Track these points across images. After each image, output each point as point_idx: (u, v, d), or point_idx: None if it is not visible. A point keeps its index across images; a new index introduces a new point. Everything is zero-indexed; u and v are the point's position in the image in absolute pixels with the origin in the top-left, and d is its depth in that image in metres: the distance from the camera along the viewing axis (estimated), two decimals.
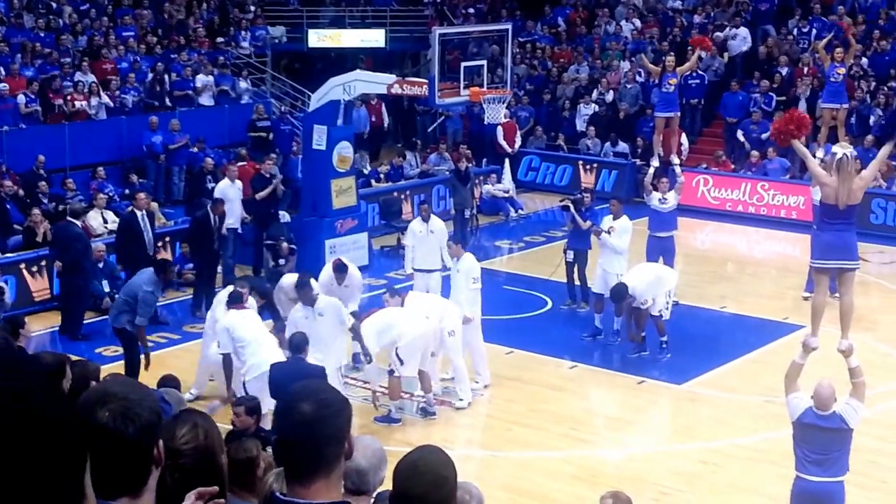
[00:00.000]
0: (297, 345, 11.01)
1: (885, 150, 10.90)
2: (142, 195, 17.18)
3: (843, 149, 9.72)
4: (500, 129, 24.97)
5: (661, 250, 16.60)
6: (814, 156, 12.90)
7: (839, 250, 10.62)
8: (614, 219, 16.14)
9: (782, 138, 10.29)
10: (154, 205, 19.69)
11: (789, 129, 10.00)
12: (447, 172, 23.40)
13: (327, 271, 14.41)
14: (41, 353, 7.35)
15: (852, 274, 10.50)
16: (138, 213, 16.51)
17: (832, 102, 18.43)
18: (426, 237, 16.02)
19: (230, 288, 13.11)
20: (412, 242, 16.17)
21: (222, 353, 12.21)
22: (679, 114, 17.97)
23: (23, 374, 2.01)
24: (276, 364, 11.12)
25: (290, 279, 14.02)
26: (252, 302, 12.83)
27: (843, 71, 18.04)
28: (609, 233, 15.85)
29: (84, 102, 22.47)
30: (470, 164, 21.95)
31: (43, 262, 16.91)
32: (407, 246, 16.41)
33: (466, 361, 13.85)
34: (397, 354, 12.79)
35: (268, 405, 9.43)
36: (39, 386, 2.00)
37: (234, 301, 12.46)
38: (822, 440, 9.08)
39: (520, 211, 24.01)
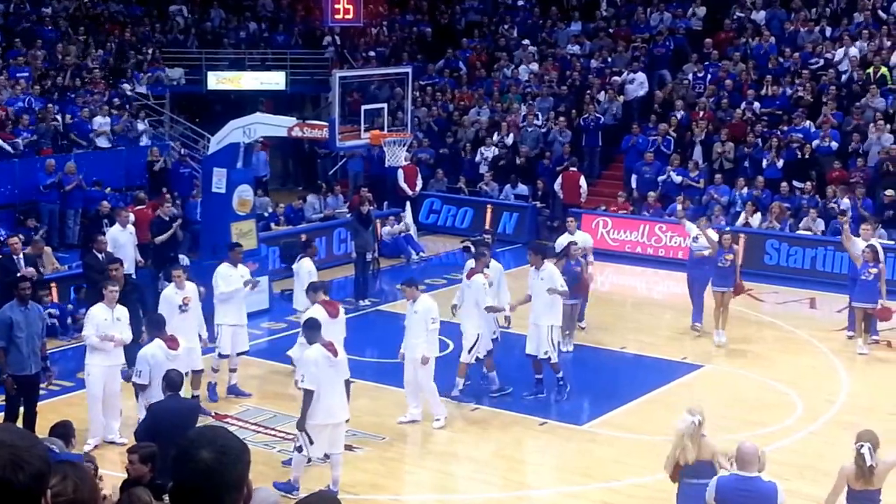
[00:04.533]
0: (174, 382, 10.81)
1: None
2: (14, 240, 16.97)
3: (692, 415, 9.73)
4: (400, 172, 25.03)
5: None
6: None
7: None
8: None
9: None
10: (47, 249, 19.29)
11: None
12: (347, 215, 23.36)
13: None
14: None
15: None
16: (15, 258, 16.35)
17: (721, 287, 17.90)
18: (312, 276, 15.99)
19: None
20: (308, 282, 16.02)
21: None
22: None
23: None
24: (156, 404, 10.94)
25: (169, 290, 14.66)
26: None
27: (730, 257, 17.92)
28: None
29: None
30: (371, 207, 21.93)
31: None
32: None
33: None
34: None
35: None
36: None
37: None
38: None
39: (421, 254, 24.03)
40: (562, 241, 18.04)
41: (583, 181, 25.17)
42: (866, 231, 18.34)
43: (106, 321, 13.41)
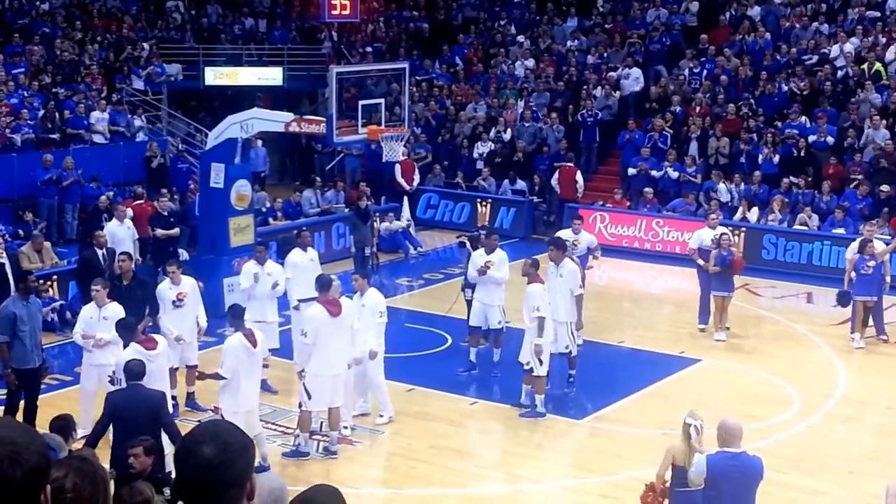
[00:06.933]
0: (135, 372, 10.82)
1: None
2: None
3: (694, 419, 9.53)
4: (398, 167, 25.03)
5: None
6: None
7: None
8: (488, 252, 15.97)
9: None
10: (46, 244, 19.28)
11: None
12: (345, 210, 23.34)
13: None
14: None
15: None
16: None
17: (721, 291, 17.91)
18: (308, 266, 15.95)
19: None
20: (293, 274, 15.89)
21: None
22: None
23: None
24: (114, 392, 10.94)
25: (164, 286, 14.65)
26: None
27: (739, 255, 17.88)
28: (488, 267, 15.84)
29: None
30: (370, 202, 21.94)
31: None
32: (288, 280, 15.90)
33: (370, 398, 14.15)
34: (305, 387, 12.75)
35: None
36: None
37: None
38: (742, 484, 8.66)
39: (419, 248, 24.05)
40: (562, 236, 18.01)
41: (579, 176, 25.19)
42: (870, 231, 18.36)
43: (91, 319, 13.38)
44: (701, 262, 18.06)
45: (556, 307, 14.81)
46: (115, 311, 13.36)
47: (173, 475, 3.14)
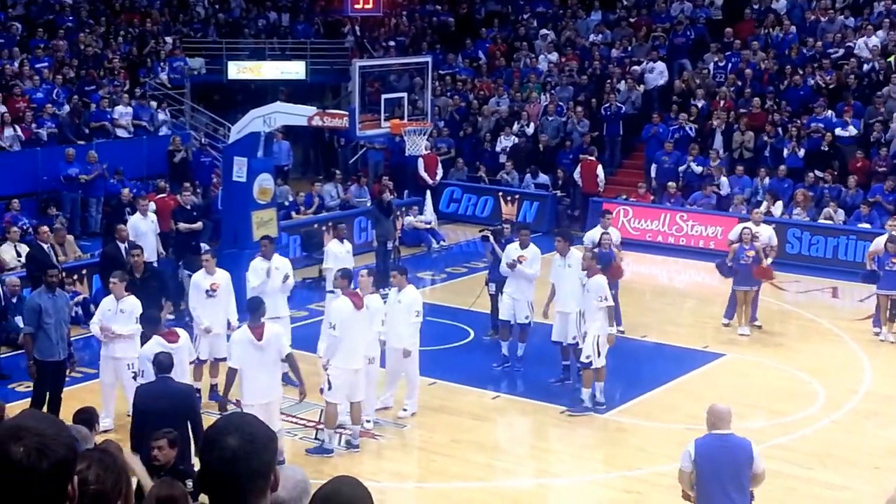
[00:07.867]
0: (164, 365, 10.84)
1: None
2: (44, 228, 17.02)
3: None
4: (421, 161, 25.01)
5: None
6: None
7: None
8: (522, 247, 15.90)
9: None
10: (69, 237, 19.36)
11: None
12: (368, 204, 23.35)
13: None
14: None
15: None
16: (44, 246, 16.55)
17: (743, 286, 17.87)
18: (345, 257, 16.07)
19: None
20: (333, 264, 15.99)
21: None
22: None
23: None
24: (143, 385, 10.95)
25: (199, 275, 14.68)
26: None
27: (752, 253, 17.82)
28: (520, 262, 15.79)
29: None
30: (392, 196, 21.92)
31: None
32: (328, 269, 16.06)
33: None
34: (328, 377, 12.80)
35: None
36: None
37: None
38: (728, 464, 8.75)
39: (441, 242, 24.04)
40: (593, 235, 17.81)
41: (600, 170, 25.11)
42: (892, 226, 18.21)
43: (109, 312, 13.46)
44: (733, 249, 18.03)
45: (566, 297, 14.88)
46: (133, 304, 13.43)
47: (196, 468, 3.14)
